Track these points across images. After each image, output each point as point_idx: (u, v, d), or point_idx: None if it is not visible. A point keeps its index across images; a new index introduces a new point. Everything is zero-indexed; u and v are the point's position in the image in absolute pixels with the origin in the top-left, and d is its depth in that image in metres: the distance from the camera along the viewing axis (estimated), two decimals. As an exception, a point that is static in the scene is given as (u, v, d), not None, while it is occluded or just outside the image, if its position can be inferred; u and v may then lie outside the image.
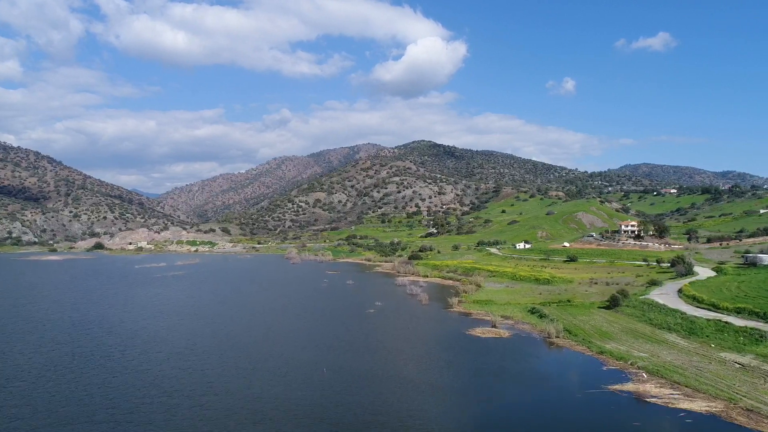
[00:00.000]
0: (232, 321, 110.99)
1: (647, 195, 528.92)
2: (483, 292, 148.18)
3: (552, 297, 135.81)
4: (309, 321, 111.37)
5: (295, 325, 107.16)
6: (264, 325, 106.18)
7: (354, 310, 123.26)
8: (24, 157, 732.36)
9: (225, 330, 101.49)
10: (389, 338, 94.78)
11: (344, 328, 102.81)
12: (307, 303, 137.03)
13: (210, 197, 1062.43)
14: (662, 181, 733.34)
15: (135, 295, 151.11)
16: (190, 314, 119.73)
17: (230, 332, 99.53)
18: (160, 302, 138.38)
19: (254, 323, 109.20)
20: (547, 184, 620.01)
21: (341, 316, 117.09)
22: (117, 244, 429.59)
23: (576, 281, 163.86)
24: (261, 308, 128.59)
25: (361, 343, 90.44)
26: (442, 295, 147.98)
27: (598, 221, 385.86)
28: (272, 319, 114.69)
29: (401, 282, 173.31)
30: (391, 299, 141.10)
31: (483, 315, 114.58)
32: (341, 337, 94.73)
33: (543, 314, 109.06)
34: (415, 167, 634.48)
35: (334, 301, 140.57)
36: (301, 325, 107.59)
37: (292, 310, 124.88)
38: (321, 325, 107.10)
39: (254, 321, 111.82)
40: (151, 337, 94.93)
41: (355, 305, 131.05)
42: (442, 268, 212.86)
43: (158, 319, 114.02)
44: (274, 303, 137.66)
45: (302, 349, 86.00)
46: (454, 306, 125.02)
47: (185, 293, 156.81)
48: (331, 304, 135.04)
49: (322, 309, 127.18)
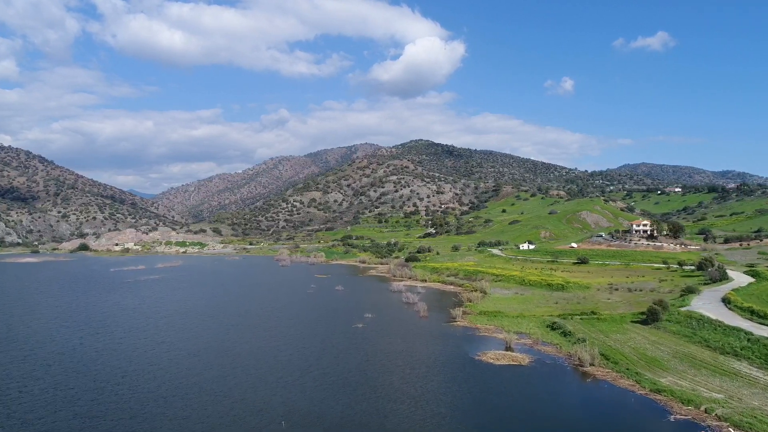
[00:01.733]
0: (183, 342, 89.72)
1: (651, 194, 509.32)
2: (490, 301, 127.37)
3: (571, 307, 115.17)
4: (280, 340, 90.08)
5: (260, 347, 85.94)
6: (219, 349, 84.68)
7: (339, 325, 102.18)
8: (15, 156, 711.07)
9: (166, 355, 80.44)
10: (377, 367, 73.58)
11: (322, 351, 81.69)
12: (285, 315, 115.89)
13: (206, 197, 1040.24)
14: (663, 181, 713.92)
15: (87, 305, 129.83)
16: (137, 329, 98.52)
17: (172, 358, 78.53)
18: (112, 313, 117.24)
19: (208, 345, 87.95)
20: (548, 184, 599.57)
21: (322, 332, 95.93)
22: (103, 245, 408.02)
23: (593, 287, 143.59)
24: (227, 323, 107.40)
25: (340, 374, 69.37)
26: (442, 304, 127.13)
27: (603, 221, 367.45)
28: (235, 338, 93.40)
29: (397, 287, 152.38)
30: (385, 309, 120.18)
31: (493, 331, 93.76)
32: (315, 366, 73.71)
33: (567, 331, 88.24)
34: (413, 166, 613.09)
35: (318, 311, 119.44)
36: (269, 346, 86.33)
37: (265, 325, 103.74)
38: (294, 346, 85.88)
39: (210, 341, 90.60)
40: (63, 361, 74.03)
41: (341, 317, 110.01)
42: (441, 271, 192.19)
43: (94, 336, 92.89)
44: (246, 315, 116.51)
45: (257, 387, 64.86)
46: (457, 319, 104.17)
47: (148, 302, 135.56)
48: (314, 315, 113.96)
49: (301, 323, 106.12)
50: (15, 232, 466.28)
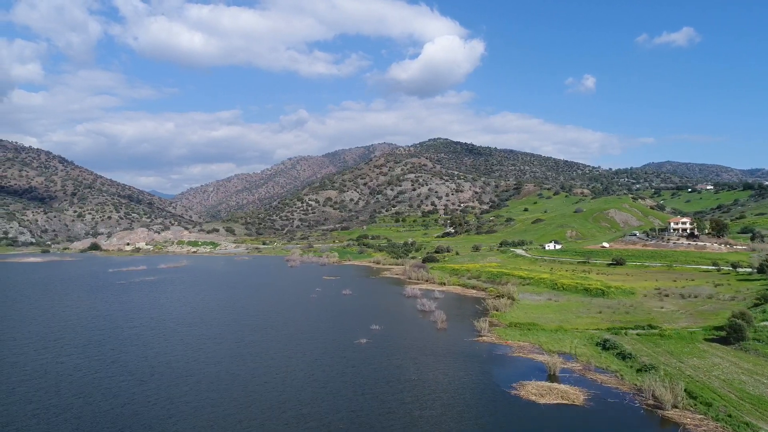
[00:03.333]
0: (133, 362, 71.20)
1: (681, 192, 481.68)
2: (520, 309, 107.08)
3: (619, 318, 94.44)
4: (256, 363, 70.85)
5: (227, 373, 66.97)
6: (174, 375, 65.89)
7: (337, 341, 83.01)
8: (35, 157, 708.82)
9: (106, 381, 62.10)
10: (376, 407, 53.96)
11: (307, 380, 62.52)
12: (275, 326, 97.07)
13: (224, 197, 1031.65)
14: (691, 179, 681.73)
15: (55, 311, 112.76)
16: (91, 344, 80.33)
17: (107, 386, 60.18)
18: (75, 322, 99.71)
19: (166, 366, 69.47)
20: (571, 182, 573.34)
21: (314, 352, 76.78)
22: (114, 244, 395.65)
23: (638, 292, 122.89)
24: (200, 338, 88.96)
25: (323, 419, 50.13)
26: (464, 312, 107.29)
27: (632, 219, 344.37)
28: (201, 360, 74.77)
29: (411, 292, 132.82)
30: (395, 319, 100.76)
31: (529, 350, 73.79)
32: (292, 404, 54.61)
33: (625, 352, 67.80)
34: (431, 164, 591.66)
35: (316, 322, 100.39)
36: (239, 372, 67.08)
37: (245, 341, 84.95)
38: (272, 371, 66.80)
39: (170, 362, 72.13)
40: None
41: (341, 330, 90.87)
42: (462, 273, 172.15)
43: (40, 350, 75.09)
44: (228, 327, 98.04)
45: (217, 427, 46.16)
46: (483, 332, 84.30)
47: (125, 307, 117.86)
48: (309, 327, 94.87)
49: (291, 338, 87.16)
50: (29, 232, 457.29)
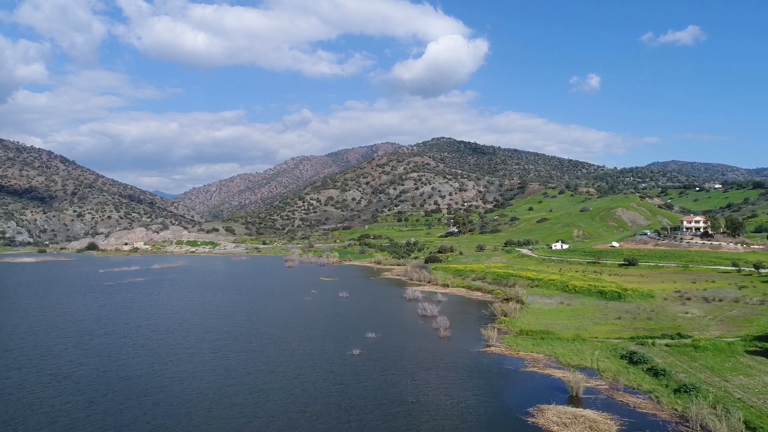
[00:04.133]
0: (94, 376, 62.21)
1: (689, 191, 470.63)
2: (530, 314, 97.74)
3: (642, 325, 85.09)
4: (230, 379, 61.75)
5: (204, 391, 57.86)
6: (144, 390, 57.12)
7: (326, 352, 73.84)
8: (36, 156, 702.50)
9: (56, 399, 53.09)
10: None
11: (287, 401, 53.39)
12: (260, 333, 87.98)
13: (227, 197, 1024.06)
14: (698, 178, 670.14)
15: (36, 312, 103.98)
16: (55, 353, 71.15)
17: (57, 407, 51.16)
18: (55, 324, 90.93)
19: (126, 385, 60.50)
20: (576, 181, 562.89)
21: (299, 364, 67.63)
22: (112, 244, 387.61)
23: (657, 295, 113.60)
24: (176, 347, 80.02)
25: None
26: (469, 318, 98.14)
27: (640, 218, 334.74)
28: (169, 375, 65.75)
29: (412, 294, 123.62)
30: (394, 326, 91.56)
31: (544, 363, 64.49)
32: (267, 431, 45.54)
33: (656, 368, 58.37)
34: (435, 163, 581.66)
35: (307, 328, 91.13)
36: (214, 390, 58.00)
37: (230, 349, 75.92)
38: (252, 388, 57.62)
39: (132, 381, 63.18)
40: None
41: (333, 339, 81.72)
42: (466, 274, 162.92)
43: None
44: (215, 333, 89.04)
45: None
46: (491, 342, 75.08)
47: (102, 311, 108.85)
48: (298, 335, 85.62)
49: (281, 346, 78.05)
50: (27, 232, 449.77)
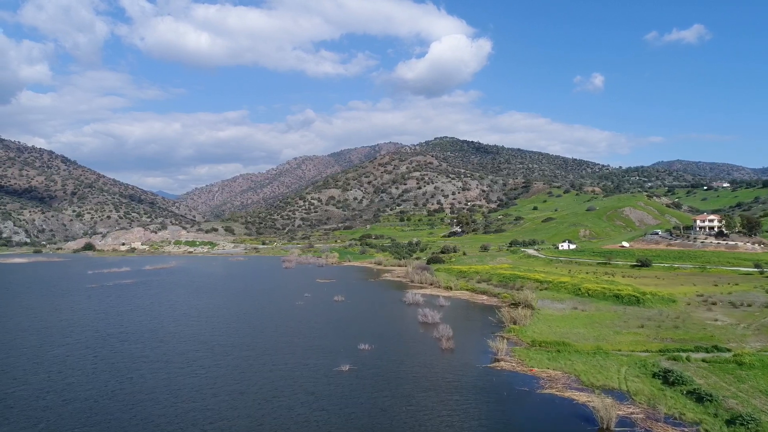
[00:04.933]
0: (50, 393, 52.98)
1: (696, 190, 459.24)
2: (542, 320, 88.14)
3: (668, 333, 75.53)
4: (201, 402, 52.47)
5: (157, 420, 48.72)
6: (84, 419, 47.86)
7: (313, 366, 64.47)
8: (38, 156, 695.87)
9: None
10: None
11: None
12: (244, 344, 78.68)
13: (229, 197, 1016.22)
14: (704, 177, 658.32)
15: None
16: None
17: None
18: (13, 333, 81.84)
19: (77, 407, 51.13)
20: (581, 180, 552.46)
21: (280, 382, 58.28)
22: (109, 244, 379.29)
23: (679, 299, 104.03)
24: (153, 355, 70.84)
25: None
26: (474, 325, 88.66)
27: (648, 218, 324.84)
28: (132, 394, 56.45)
29: (413, 298, 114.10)
30: (391, 335, 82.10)
31: (563, 383, 55.01)
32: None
33: (698, 391, 48.85)
34: (437, 162, 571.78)
35: (294, 338, 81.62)
36: (169, 418, 49.02)
37: (202, 363, 66.56)
38: (216, 416, 48.35)
39: (90, 396, 53.78)
40: None
41: (322, 350, 72.30)
42: (470, 276, 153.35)
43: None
44: (190, 343, 79.86)
45: None
46: (500, 355, 65.62)
47: (81, 315, 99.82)
48: (285, 345, 76.19)
49: (260, 360, 68.72)
50: (25, 232, 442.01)
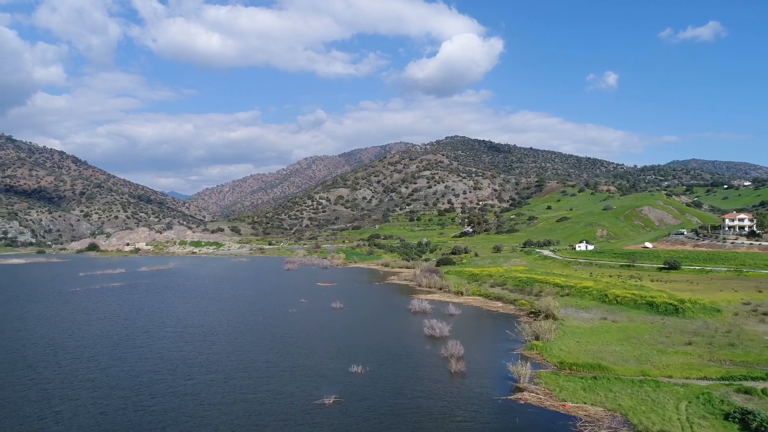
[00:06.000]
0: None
1: (716, 188, 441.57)
2: (569, 334, 75.03)
3: (723, 353, 62.17)
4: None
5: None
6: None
7: (289, 397, 52.01)
8: (48, 157, 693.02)
9: None
10: None
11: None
12: (216, 363, 66.55)
13: (240, 198, 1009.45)
14: (723, 176, 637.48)
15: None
16: None
17: None
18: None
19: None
20: (595, 179, 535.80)
21: (241, 424, 46.11)
22: (113, 245, 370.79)
23: (723, 308, 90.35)
24: (101, 380, 58.99)
25: None
26: (489, 339, 75.80)
27: (668, 217, 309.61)
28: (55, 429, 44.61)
29: (419, 306, 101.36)
30: (390, 353, 69.32)
31: (606, 423, 42.03)
32: None
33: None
34: (448, 161, 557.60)
35: (276, 356, 69.17)
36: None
37: (148, 395, 54.44)
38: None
39: (7, 427, 42.11)
40: None
41: (305, 375, 59.80)
42: (483, 279, 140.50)
43: None
44: (151, 362, 67.98)
45: None
46: (522, 381, 52.81)
47: (43, 325, 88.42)
48: (263, 367, 63.82)
49: (226, 387, 56.51)
50: (31, 232, 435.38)
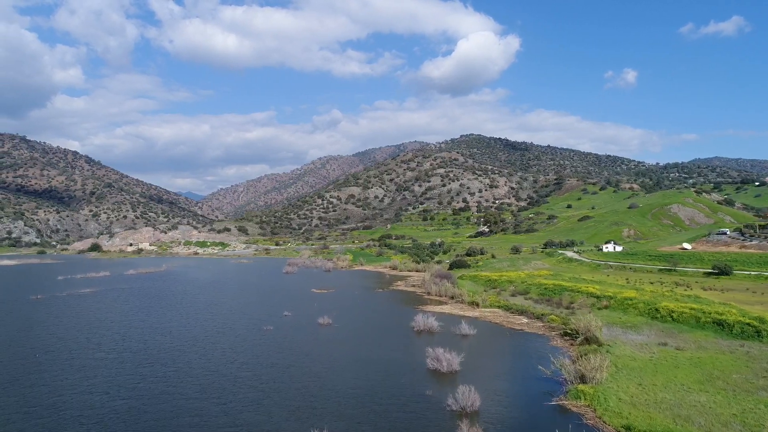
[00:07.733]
0: None
1: (747, 186, 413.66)
2: (624, 371, 54.45)
3: None
4: None
5: None
6: None
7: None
8: (62, 157, 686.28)
9: None
10: None
11: None
12: (124, 414, 47.82)
13: (254, 197, 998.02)
14: (752, 173, 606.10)
15: None
16: None
17: None
18: None
19: None
20: (616, 176, 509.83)
21: None
22: (116, 245, 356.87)
23: (815, 330, 68.63)
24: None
25: None
26: (516, 379, 55.37)
27: (699, 216, 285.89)
28: None
29: (424, 323, 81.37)
30: (377, 404, 49.59)
31: None
32: None
33: None
34: (463, 159, 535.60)
35: (215, 403, 50.16)
36: None
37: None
38: None
39: None
40: None
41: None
42: (502, 286, 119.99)
43: None
44: (60, 412, 49.25)
45: None
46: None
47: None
48: (198, 424, 45.13)
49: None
50: (37, 232, 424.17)
